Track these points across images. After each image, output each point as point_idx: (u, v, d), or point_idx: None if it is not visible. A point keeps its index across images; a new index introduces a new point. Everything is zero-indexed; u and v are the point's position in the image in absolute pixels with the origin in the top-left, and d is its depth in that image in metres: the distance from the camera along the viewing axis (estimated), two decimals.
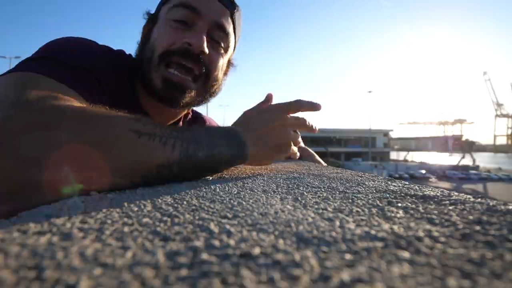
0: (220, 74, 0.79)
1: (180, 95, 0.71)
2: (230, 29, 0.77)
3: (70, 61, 0.58)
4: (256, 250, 0.20)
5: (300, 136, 0.73)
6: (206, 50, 0.70)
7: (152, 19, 0.77)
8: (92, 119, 0.42)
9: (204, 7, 0.71)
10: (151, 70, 0.70)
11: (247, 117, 0.63)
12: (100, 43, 0.71)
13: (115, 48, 0.75)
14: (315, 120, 0.68)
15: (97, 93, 0.58)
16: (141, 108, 0.75)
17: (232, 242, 0.21)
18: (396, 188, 0.44)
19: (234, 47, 0.84)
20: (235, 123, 0.63)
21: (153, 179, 0.45)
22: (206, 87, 0.76)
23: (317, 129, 0.69)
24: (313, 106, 0.65)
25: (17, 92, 0.44)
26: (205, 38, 0.70)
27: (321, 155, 1.30)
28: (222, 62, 0.78)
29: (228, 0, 0.77)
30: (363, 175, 0.61)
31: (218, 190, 0.42)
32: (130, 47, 0.80)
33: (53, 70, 0.53)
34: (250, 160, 0.58)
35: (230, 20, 0.77)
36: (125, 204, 0.32)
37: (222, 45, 0.76)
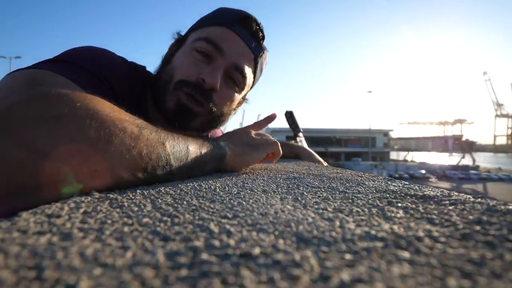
0: (228, 110, 0.81)
1: (188, 119, 0.73)
2: (249, 71, 0.79)
3: (87, 66, 0.59)
4: (256, 250, 0.20)
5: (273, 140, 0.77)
6: (217, 88, 0.73)
7: (179, 41, 0.79)
8: (99, 112, 0.41)
9: (228, 47, 0.73)
10: (166, 93, 0.73)
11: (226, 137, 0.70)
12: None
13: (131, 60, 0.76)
14: (315, 120, 0.70)
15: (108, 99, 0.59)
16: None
17: (232, 242, 0.21)
18: (396, 188, 0.44)
19: (252, 85, 0.86)
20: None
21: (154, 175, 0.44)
22: (212, 119, 0.78)
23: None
24: (268, 119, 0.84)
25: (27, 83, 0.43)
26: (219, 77, 0.72)
27: (321, 155, 1.30)
28: (234, 99, 0.80)
29: (256, 43, 0.78)
30: (363, 175, 0.61)
31: (218, 190, 0.42)
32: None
33: (66, 70, 0.53)
34: (231, 157, 0.63)
35: (252, 63, 0.79)
36: (125, 204, 0.32)
37: (238, 84, 0.78)
